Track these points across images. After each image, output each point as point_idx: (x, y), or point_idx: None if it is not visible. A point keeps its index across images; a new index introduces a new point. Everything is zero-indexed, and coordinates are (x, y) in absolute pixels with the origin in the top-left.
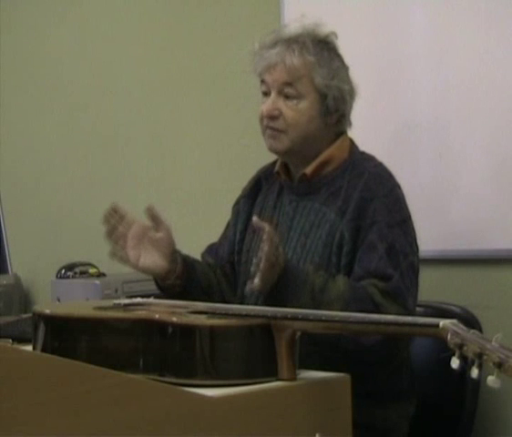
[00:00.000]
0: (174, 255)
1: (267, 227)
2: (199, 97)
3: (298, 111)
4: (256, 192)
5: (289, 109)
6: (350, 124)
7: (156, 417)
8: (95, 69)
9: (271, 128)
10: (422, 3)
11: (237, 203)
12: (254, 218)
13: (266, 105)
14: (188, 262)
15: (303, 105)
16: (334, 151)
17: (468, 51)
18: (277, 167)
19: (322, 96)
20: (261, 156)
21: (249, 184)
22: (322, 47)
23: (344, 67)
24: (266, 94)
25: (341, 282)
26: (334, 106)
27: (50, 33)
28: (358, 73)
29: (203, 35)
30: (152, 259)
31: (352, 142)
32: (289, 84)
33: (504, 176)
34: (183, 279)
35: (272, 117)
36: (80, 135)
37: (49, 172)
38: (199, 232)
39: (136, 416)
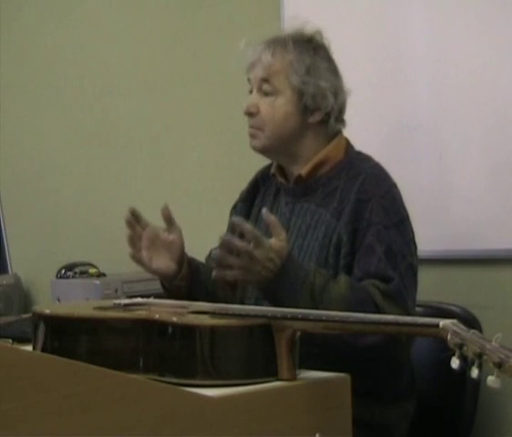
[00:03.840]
0: (182, 257)
1: (249, 228)
2: (200, 97)
3: (274, 107)
4: (253, 195)
5: (266, 105)
6: (343, 123)
7: (156, 417)
8: (95, 69)
9: (251, 126)
10: (422, 3)
11: (234, 207)
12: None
13: (246, 102)
14: (193, 265)
15: (280, 101)
16: (330, 152)
17: (468, 52)
18: (273, 170)
19: (299, 93)
20: (261, 156)
21: (246, 187)
22: (303, 46)
23: (328, 66)
24: (251, 92)
25: (342, 283)
26: (314, 104)
27: (50, 33)
28: (358, 73)
29: (203, 36)
30: (164, 261)
31: (347, 142)
32: (265, 80)
33: (503, 176)
34: (188, 280)
35: (251, 114)
36: (80, 135)
37: (49, 172)
38: (199, 232)
39: (136, 416)
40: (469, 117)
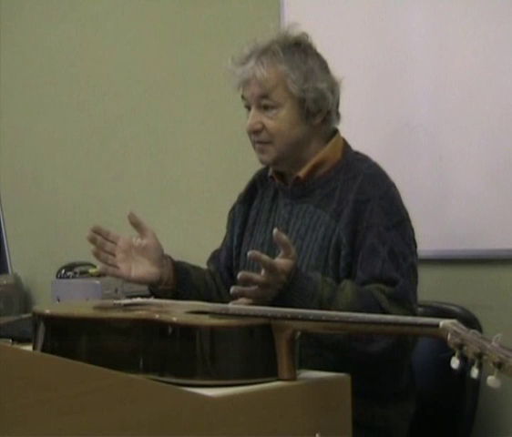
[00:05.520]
0: (163, 260)
1: (265, 258)
2: (199, 97)
3: (279, 120)
4: (251, 197)
5: (270, 120)
6: (339, 117)
7: (156, 417)
8: (94, 69)
9: (258, 142)
10: (422, 3)
11: (232, 209)
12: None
13: (249, 120)
14: (179, 268)
15: (283, 113)
16: (327, 153)
17: (468, 52)
18: (270, 172)
19: (301, 101)
20: None
21: (244, 189)
22: (294, 51)
23: (320, 65)
24: (248, 108)
25: (348, 291)
26: (315, 107)
27: (50, 33)
28: (357, 73)
29: (203, 36)
30: (144, 268)
31: (345, 142)
32: (264, 96)
33: (503, 176)
34: (174, 284)
35: (256, 132)
36: (80, 134)
37: (49, 172)
38: (198, 233)
39: (136, 416)
40: (469, 118)
